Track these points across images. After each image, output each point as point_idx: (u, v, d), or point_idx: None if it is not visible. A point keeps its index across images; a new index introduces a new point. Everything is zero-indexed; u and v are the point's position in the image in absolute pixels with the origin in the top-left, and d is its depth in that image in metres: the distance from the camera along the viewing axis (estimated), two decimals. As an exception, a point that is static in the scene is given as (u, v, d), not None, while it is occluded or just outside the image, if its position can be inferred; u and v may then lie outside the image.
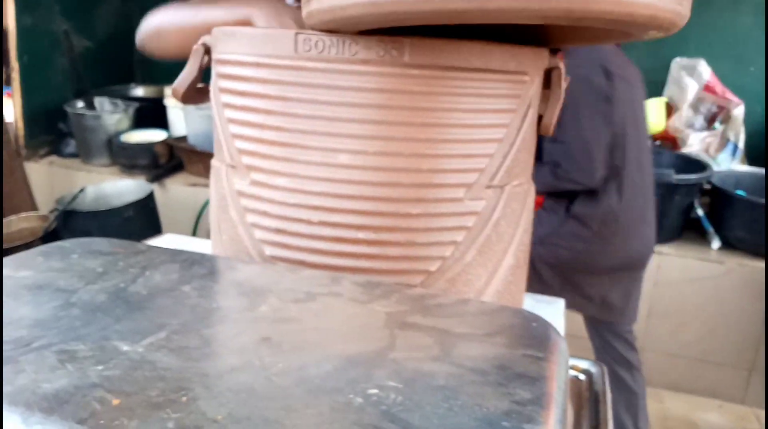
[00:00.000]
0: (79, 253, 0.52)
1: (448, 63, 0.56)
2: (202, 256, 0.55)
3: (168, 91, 2.49)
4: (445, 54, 0.56)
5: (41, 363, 0.35)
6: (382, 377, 0.35)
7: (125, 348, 0.37)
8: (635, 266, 1.54)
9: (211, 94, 0.67)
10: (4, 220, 1.91)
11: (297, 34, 0.57)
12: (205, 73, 0.69)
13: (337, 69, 0.57)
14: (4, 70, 2.58)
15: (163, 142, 2.36)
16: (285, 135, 0.60)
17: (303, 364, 0.36)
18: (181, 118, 2.39)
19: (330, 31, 0.56)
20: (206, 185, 2.30)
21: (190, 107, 2.32)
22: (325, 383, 0.34)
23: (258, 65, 0.60)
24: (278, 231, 0.63)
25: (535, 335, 0.42)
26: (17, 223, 1.86)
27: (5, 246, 1.70)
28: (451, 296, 0.50)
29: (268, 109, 0.60)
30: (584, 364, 0.64)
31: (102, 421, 0.30)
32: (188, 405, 0.31)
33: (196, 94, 0.72)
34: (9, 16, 2.37)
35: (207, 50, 0.68)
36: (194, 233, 2.25)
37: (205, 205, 2.25)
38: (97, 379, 0.33)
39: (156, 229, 1.91)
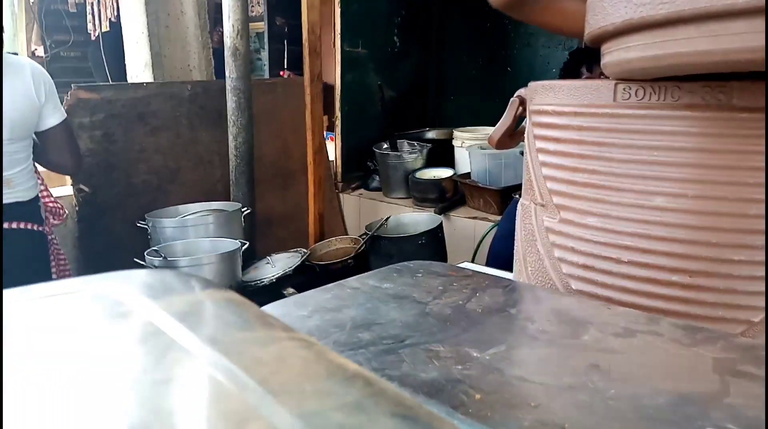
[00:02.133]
0: (422, 273, 0.63)
1: (787, 104, 0.53)
2: (520, 284, 0.62)
3: (456, 133, 2.72)
4: (784, 95, 0.53)
5: (415, 357, 0.45)
6: (720, 419, 0.36)
7: (475, 354, 0.45)
8: None
9: (526, 141, 0.75)
10: (325, 241, 2.33)
11: (617, 83, 0.61)
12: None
13: (658, 115, 0.58)
14: (329, 118, 3.16)
15: (450, 178, 2.59)
16: (598, 177, 0.64)
17: (635, 393, 0.39)
18: (465, 157, 2.59)
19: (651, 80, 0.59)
20: (485, 218, 2.45)
21: (474, 147, 2.51)
22: (660, 415, 0.36)
23: (576, 114, 0.65)
24: (585, 267, 0.67)
25: None
26: (335, 243, 2.26)
27: (328, 262, 2.09)
28: (789, 351, 0.47)
29: (582, 153, 0.65)
30: None
31: (471, 410, 0.38)
32: (537, 409, 0.37)
33: (509, 140, 0.81)
34: (337, 74, 2.91)
35: (522, 102, 0.77)
36: (473, 260, 2.40)
37: (484, 235, 2.38)
38: (459, 376, 0.42)
39: (442, 256, 2.11)
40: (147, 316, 0.23)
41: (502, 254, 1.71)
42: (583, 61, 1.49)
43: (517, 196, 1.93)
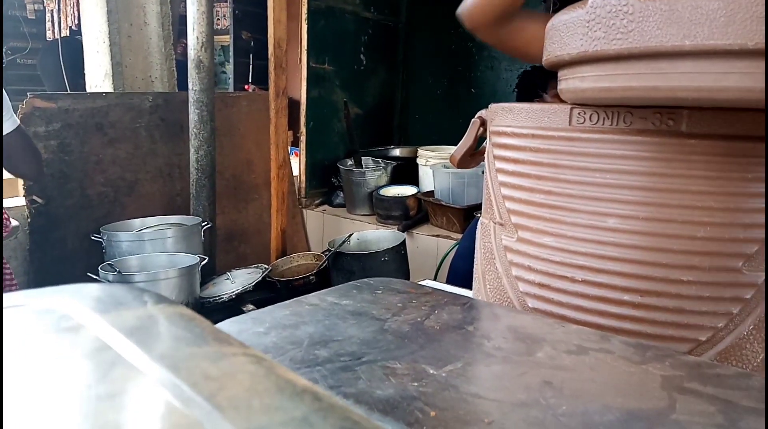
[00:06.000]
0: (382, 289, 0.63)
1: (731, 132, 0.56)
2: (478, 302, 0.63)
3: (420, 151, 2.75)
4: (728, 123, 0.56)
5: (371, 374, 0.45)
6: (666, 434, 0.37)
7: (431, 371, 0.45)
8: None
9: (486, 161, 0.77)
10: (287, 257, 2.30)
11: (572, 108, 0.63)
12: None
13: (611, 139, 0.61)
14: (294, 133, 3.15)
15: (413, 196, 2.61)
16: (554, 198, 0.66)
17: (585, 410, 0.40)
18: (429, 175, 2.62)
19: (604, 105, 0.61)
20: (447, 236, 2.48)
21: (438, 166, 2.54)
22: (609, 430, 0.37)
23: (533, 136, 0.67)
24: (541, 286, 0.68)
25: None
26: (297, 259, 2.25)
27: (289, 278, 2.07)
28: (731, 368, 0.49)
29: (539, 174, 0.67)
30: None
31: (425, 427, 0.38)
32: (491, 426, 0.37)
33: (470, 159, 0.82)
34: (302, 90, 2.91)
35: (483, 123, 0.78)
36: (435, 278, 2.41)
37: (447, 253, 2.40)
38: (415, 393, 0.42)
39: (405, 273, 2.11)
40: (94, 331, 0.23)
41: (461, 272, 1.73)
42: (535, 81, 1.56)
43: (479, 214, 1.96)
